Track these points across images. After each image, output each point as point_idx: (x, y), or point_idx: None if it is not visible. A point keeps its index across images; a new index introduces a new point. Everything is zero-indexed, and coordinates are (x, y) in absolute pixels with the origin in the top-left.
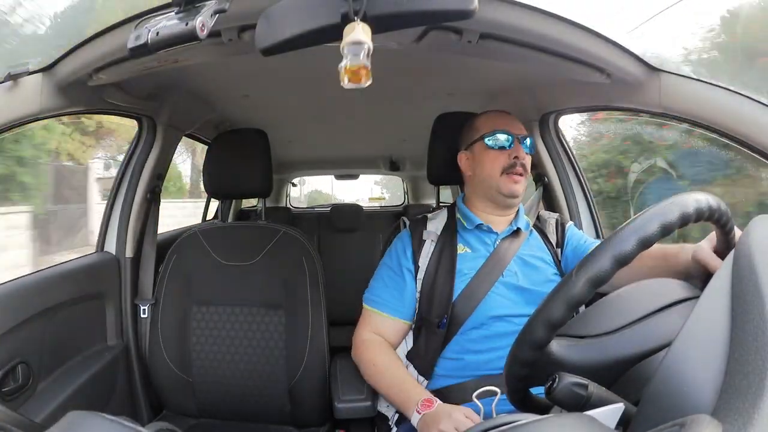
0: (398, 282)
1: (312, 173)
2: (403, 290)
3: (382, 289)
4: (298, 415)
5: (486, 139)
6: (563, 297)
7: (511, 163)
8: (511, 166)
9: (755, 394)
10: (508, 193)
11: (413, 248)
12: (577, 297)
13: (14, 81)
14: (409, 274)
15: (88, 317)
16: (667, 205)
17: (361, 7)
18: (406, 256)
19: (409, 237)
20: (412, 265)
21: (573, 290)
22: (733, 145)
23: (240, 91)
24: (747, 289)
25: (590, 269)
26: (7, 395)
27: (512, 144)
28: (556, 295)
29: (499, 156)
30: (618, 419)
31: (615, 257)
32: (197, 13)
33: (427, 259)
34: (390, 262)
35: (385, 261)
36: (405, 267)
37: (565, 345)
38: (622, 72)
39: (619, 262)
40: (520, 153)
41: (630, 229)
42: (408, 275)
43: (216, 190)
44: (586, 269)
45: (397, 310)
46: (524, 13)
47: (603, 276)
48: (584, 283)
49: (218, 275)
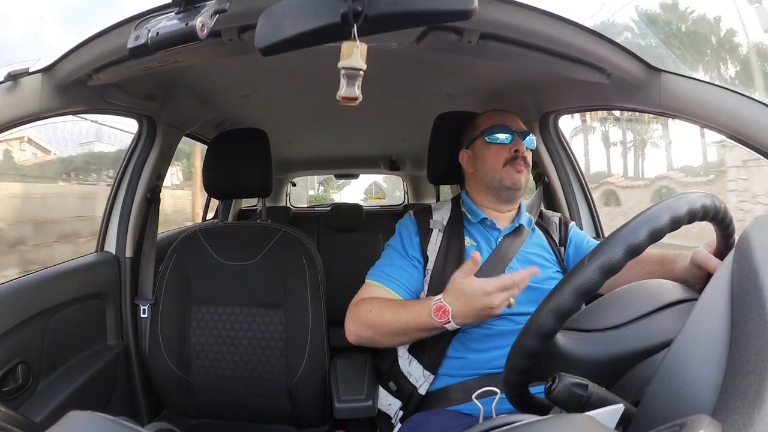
0: (404, 263)
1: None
2: (410, 271)
3: (388, 266)
4: (298, 415)
5: (486, 135)
6: (574, 285)
7: (512, 155)
8: (512, 158)
9: (755, 394)
10: (511, 185)
11: (420, 237)
12: (588, 285)
13: (14, 81)
14: (417, 262)
15: (88, 317)
16: (677, 200)
17: (362, 7)
18: (413, 245)
19: (414, 225)
20: (420, 255)
21: (584, 279)
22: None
23: (240, 90)
24: (747, 289)
25: (602, 258)
26: (7, 395)
27: (512, 139)
28: (567, 283)
29: (501, 150)
30: (618, 419)
31: (627, 247)
32: (197, 14)
33: (436, 249)
34: (396, 245)
35: (390, 243)
36: (412, 254)
37: (571, 338)
38: (622, 72)
39: (631, 252)
40: (521, 147)
41: (641, 220)
42: (416, 262)
43: (216, 190)
44: (597, 257)
45: (401, 287)
46: (524, 13)
47: (614, 265)
48: (596, 272)
49: (218, 275)
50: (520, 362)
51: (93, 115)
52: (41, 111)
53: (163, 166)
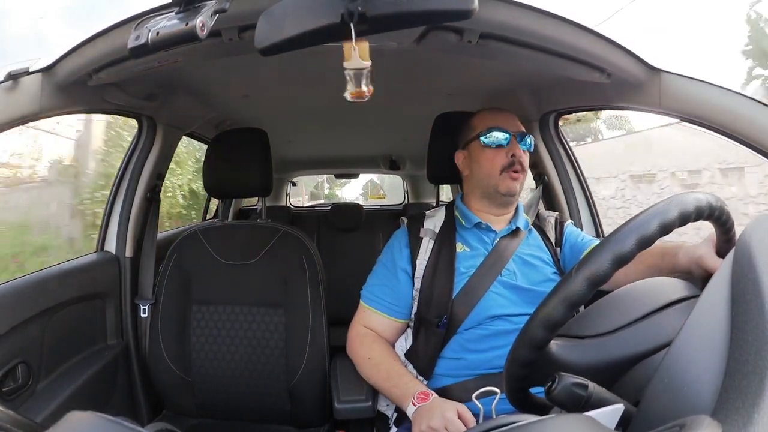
0: (392, 281)
1: (312, 172)
2: (398, 290)
3: (377, 287)
4: (298, 415)
5: (482, 137)
6: (562, 297)
7: (509, 161)
8: (509, 165)
9: (755, 394)
10: (506, 192)
11: (410, 248)
12: (576, 297)
13: (14, 81)
14: (404, 275)
15: (88, 317)
16: (667, 204)
17: (362, 7)
18: (402, 255)
19: (405, 235)
20: (408, 266)
21: (572, 290)
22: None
23: (240, 90)
24: (747, 288)
25: (589, 269)
26: (7, 395)
27: (509, 141)
28: (555, 295)
29: (497, 155)
30: (618, 419)
31: (614, 257)
32: (197, 13)
33: (426, 257)
34: (385, 261)
35: (381, 259)
36: (400, 267)
37: (565, 345)
38: (622, 72)
39: (618, 262)
40: (517, 151)
41: (629, 228)
42: (403, 275)
43: (216, 190)
44: (585, 269)
45: (391, 309)
46: (524, 13)
47: (602, 275)
48: (583, 283)
49: (218, 274)
50: (516, 371)
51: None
52: (41, 111)
53: (163, 166)
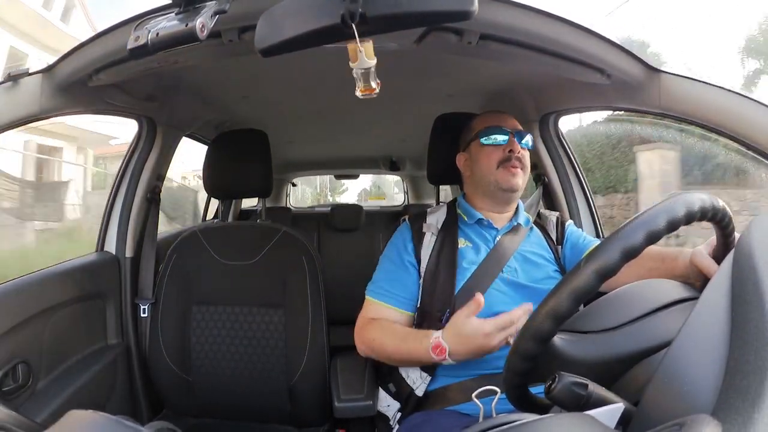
0: (400, 273)
1: (312, 173)
2: (406, 281)
3: (385, 281)
4: (298, 415)
5: (481, 137)
6: (570, 288)
7: (506, 156)
8: (506, 159)
9: (755, 394)
10: (507, 187)
11: (414, 242)
12: (584, 288)
13: (14, 81)
14: (411, 267)
15: (88, 317)
16: (674, 201)
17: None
18: (407, 250)
19: (409, 230)
20: (414, 259)
21: (581, 282)
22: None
23: (240, 91)
24: (747, 288)
25: (598, 261)
26: (7, 395)
27: (507, 139)
28: (564, 286)
29: (494, 151)
30: (618, 419)
31: (623, 249)
32: (197, 14)
33: (429, 252)
34: (391, 255)
35: (386, 254)
36: (407, 260)
37: (569, 339)
38: (622, 72)
39: (627, 255)
40: (515, 147)
41: (638, 222)
42: (410, 267)
43: (216, 190)
44: (594, 260)
45: (399, 301)
46: (524, 13)
47: (611, 267)
48: (592, 275)
49: (218, 275)
50: (518, 364)
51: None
52: (41, 111)
53: (163, 167)
